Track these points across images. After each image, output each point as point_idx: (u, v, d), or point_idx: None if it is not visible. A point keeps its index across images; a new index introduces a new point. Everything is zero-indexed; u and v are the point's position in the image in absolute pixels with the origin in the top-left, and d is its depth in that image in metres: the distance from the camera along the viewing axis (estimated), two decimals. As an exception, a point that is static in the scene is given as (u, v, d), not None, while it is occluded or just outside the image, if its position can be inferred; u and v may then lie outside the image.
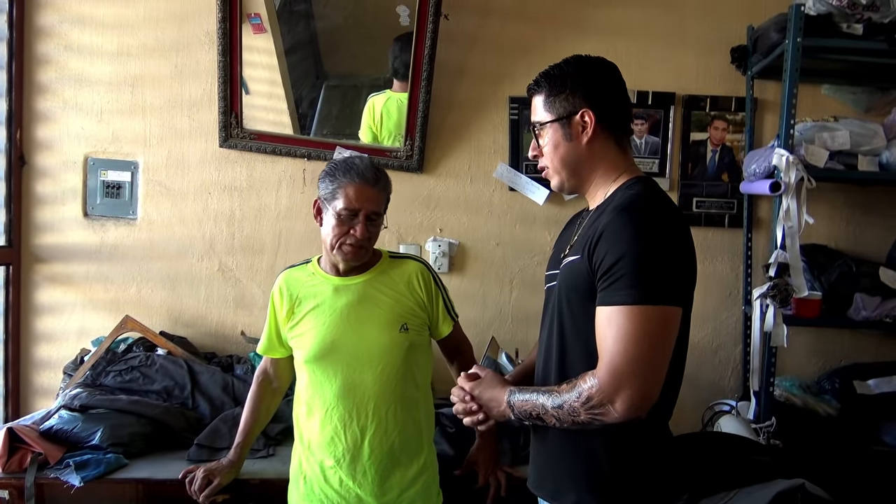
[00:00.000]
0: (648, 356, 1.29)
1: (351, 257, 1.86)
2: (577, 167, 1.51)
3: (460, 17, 2.78)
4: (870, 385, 2.69)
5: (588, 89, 1.48)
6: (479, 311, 2.88)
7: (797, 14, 2.46)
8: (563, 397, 1.36)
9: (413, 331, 1.91)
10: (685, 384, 2.83)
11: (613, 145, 1.51)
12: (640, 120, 2.90)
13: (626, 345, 1.29)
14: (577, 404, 1.33)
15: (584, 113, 1.46)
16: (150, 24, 2.81)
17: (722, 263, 2.94)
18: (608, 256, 1.33)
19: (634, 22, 2.88)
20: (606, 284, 1.33)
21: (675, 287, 1.34)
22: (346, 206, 1.82)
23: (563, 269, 1.48)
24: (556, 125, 1.49)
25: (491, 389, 1.52)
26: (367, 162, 1.88)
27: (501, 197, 2.90)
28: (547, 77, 1.51)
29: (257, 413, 2.08)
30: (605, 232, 1.35)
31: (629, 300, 1.30)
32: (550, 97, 1.50)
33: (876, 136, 2.59)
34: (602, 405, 1.30)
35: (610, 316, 1.32)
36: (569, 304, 1.45)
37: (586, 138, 1.48)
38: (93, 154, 2.83)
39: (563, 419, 1.36)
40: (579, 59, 1.53)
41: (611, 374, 1.29)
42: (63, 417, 2.24)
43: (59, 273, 2.84)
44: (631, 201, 1.39)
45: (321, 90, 2.93)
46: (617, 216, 1.36)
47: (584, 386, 1.33)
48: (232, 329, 2.87)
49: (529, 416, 1.42)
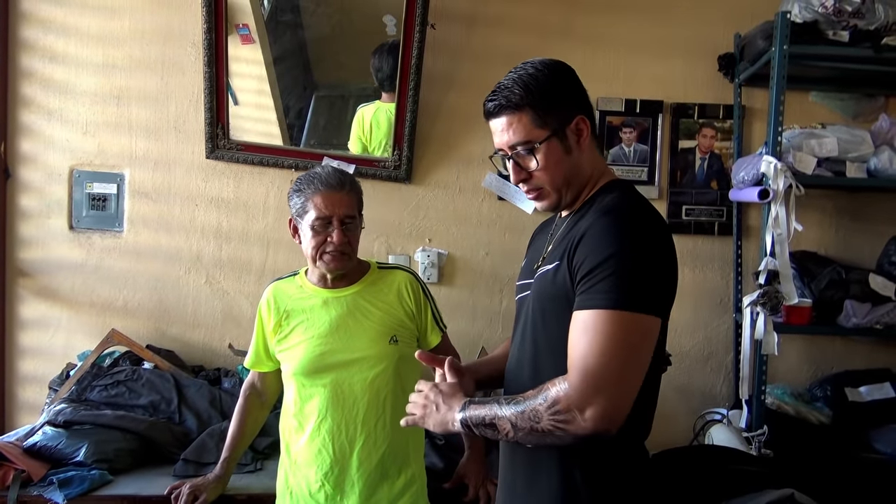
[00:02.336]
0: (625, 365, 1.20)
1: (334, 266, 1.85)
2: (574, 180, 1.40)
3: (447, 27, 2.78)
4: (861, 392, 2.69)
5: (573, 95, 1.40)
6: (468, 322, 2.87)
7: (783, 21, 2.46)
8: (526, 402, 1.24)
9: (402, 343, 1.90)
10: (677, 393, 2.86)
11: (596, 149, 1.44)
12: (628, 128, 2.90)
13: (603, 351, 1.18)
14: (542, 408, 1.21)
15: (578, 120, 1.38)
16: (136, 35, 2.80)
17: (712, 271, 2.93)
18: (589, 259, 1.25)
19: (622, 30, 2.88)
20: (586, 287, 1.24)
21: (658, 296, 1.26)
22: (317, 216, 1.81)
23: (538, 279, 1.40)
24: (554, 140, 1.36)
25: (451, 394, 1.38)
26: (329, 170, 1.88)
27: (490, 206, 2.89)
28: (527, 91, 1.36)
29: (244, 427, 2.06)
30: (586, 234, 1.28)
31: (609, 304, 1.21)
32: (540, 112, 1.35)
33: (864, 143, 2.59)
34: (569, 411, 1.18)
35: (587, 320, 1.22)
36: (543, 315, 1.36)
37: (584, 146, 1.39)
38: (78, 166, 2.81)
39: (521, 425, 1.23)
40: (547, 66, 1.40)
41: (583, 380, 1.18)
42: (47, 433, 2.21)
43: (44, 287, 2.81)
44: (614, 204, 1.32)
45: (310, 100, 2.92)
46: (600, 219, 1.29)
47: (553, 389, 1.21)
48: (220, 342, 2.84)
49: (482, 421, 1.28)
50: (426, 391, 1.40)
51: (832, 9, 2.50)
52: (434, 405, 1.37)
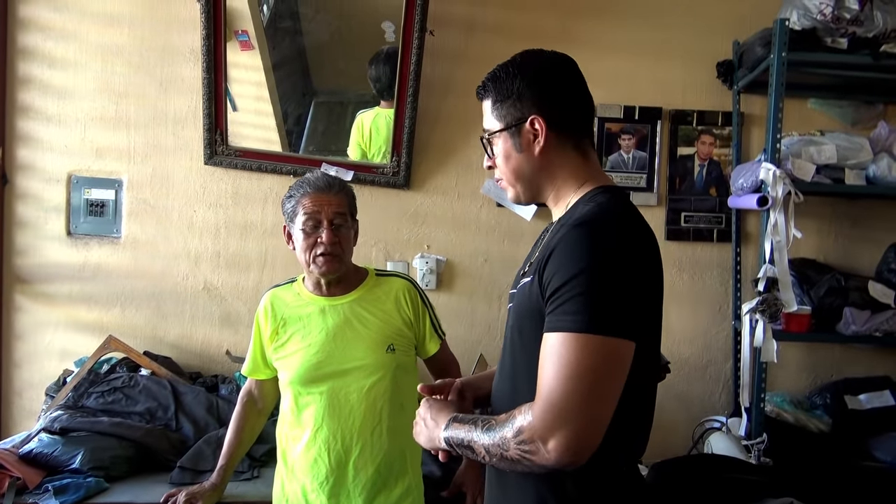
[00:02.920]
0: (590, 394, 1.10)
1: (326, 269, 1.84)
2: (531, 179, 1.34)
3: (446, 33, 2.78)
4: (861, 400, 2.68)
5: (537, 91, 1.30)
6: (467, 329, 2.86)
7: (782, 29, 2.46)
8: (496, 429, 1.18)
9: (400, 351, 1.89)
10: (676, 401, 2.85)
11: (571, 151, 1.33)
12: (627, 135, 2.89)
13: (567, 378, 1.10)
14: (509, 436, 1.15)
15: (533, 120, 1.29)
16: (134, 41, 2.80)
17: (711, 278, 2.93)
18: (557, 276, 1.16)
19: (621, 37, 2.88)
20: (552, 308, 1.16)
21: (630, 317, 1.15)
22: (306, 216, 1.82)
23: (517, 292, 1.32)
24: (506, 135, 1.31)
25: (438, 411, 1.33)
26: (318, 173, 1.89)
27: (489, 213, 2.88)
28: (493, 79, 1.33)
29: (241, 435, 2.04)
30: (556, 249, 1.19)
31: (574, 327, 1.12)
32: (497, 103, 1.32)
33: (862, 150, 2.59)
34: (532, 441, 1.11)
35: (553, 343, 1.14)
36: (520, 331, 1.29)
37: (538, 148, 1.30)
38: (76, 172, 2.80)
39: (493, 451, 1.18)
40: (528, 55, 1.35)
41: (546, 410, 1.11)
42: (43, 440, 2.20)
43: (41, 293, 2.80)
44: (588, 216, 1.22)
45: (310, 106, 2.92)
46: (569, 232, 1.19)
47: (518, 418, 1.15)
48: (217, 348, 2.83)
49: (461, 442, 1.24)
50: (420, 408, 1.38)
51: (831, 16, 2.50)
52: (423, 421, 1.34)
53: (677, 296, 2.89)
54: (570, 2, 2.87)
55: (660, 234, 2.89)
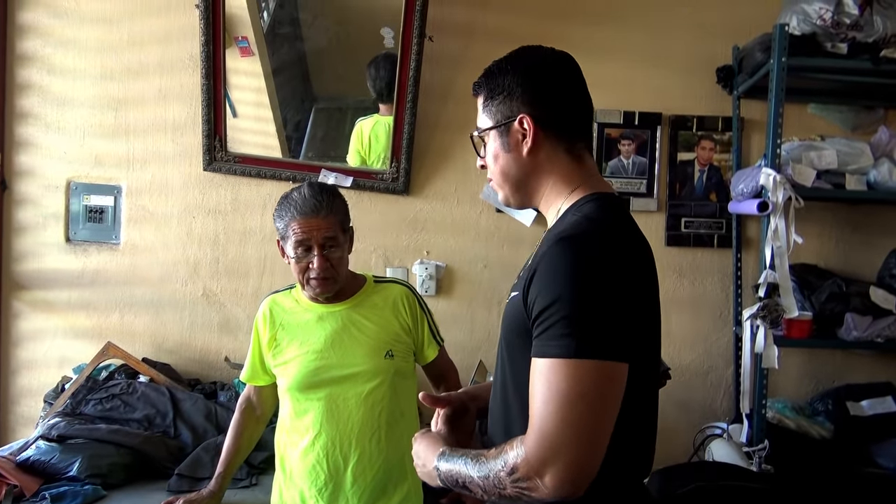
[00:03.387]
0: (584, 422, 1.05)
1: (320, 290, 1.84)
2: (520, 181, 1.28)
3: (445, 39, 2.77)
4: (863, 406, 2.67)
5: (528, 89, 1.24)
6: (466, 335, 2.85)
7: (781, 34, 2.46)
8: (488, 465, 1.12)
9: (398, 357, 1.88)
10: (677, 407, 2.84)
11: (563, 154, 1.26)
12: (626, 140, 2.89)
13: (558, 407, 1.05)
14: (503, 475, 1.09)
15: (521, 119, 1.23)
16: (134, 47, 2.80)
17: (712, 284, 2.92)
18: (540, 297, 1.10)
19: (620, 43, 2.88)
20: (539, 331, 1.10)
21: (620, 337, 1.09)
22: (296, 242, 1.80)
23: (507, 306, 1.26)
24: (495, 133, 1.27)
25: (426, 446, 1.27)
26: (304, 193, 1.82)
27: (488, 219, 2.88)
28: (486, 76, 1.29)
29: (240, 442, 2.02)
30: (539, 267, 1.13)
31: (563, 352, 1.06)
32: (488, 99, 1.28)
33: (863, 155, 2.58)
34: (529, 479, 1.06)
35: (542, 370, 1.08)
36: (509, 347, 1.24)
37: (526, 148, 1.24)
38: (75, 178, 2.80)
39: (489, 491, 1.12)
40: (524, 51, 1.29)
41: (539, 443, 1.05)
42: (40, 448, 2.19)
43: (40, 299, 2.80)
44: (574, 229, 1.15)
45: (310, 112, 2.92)
46: (552, 247, 1.12)
47: (511, 454, 1.09)
48: (216, 355, 2.82)
49: (456, 482, 1.18)
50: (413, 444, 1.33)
51: (830, 21, 2.50)
52: (416, 458, 1.29)
53: (678, 302, 2.88)
54: (570, 8, 2.86)
55: (660, 240, 2.89)
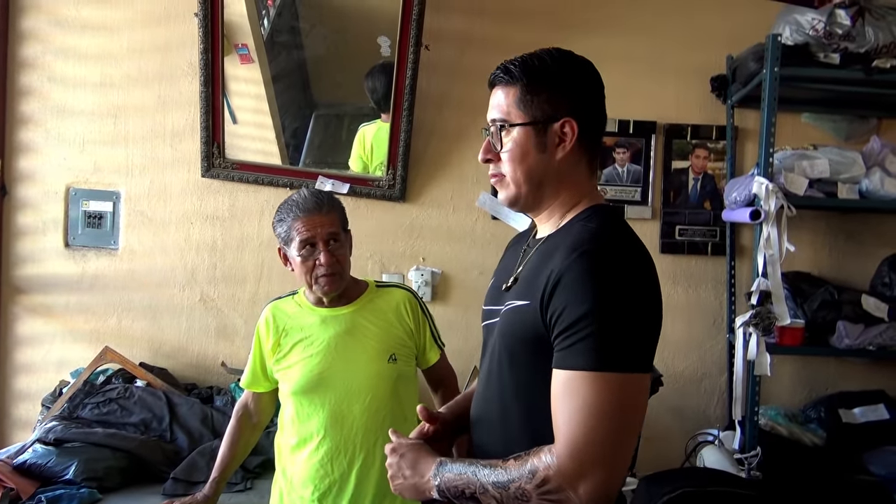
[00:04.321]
0: (616, 434, 1.08)
1: (329, 288, 1.85)
2: (541, 184, 1.25)
3: (441, 48, 2.80)
4: (855, 414, 2.68)
5: (575, 95, 1.24)
6: (462, 341, 2.86)
7: (774, 44, 2.48)
8: (509, 474, 1.11)
9: (401, 361, 1.90)
10: (670, 414, 2.85)
11: (585, 167, 1.27)
12: (621, 149, 2.91)
13: (592, 420, 1.06)
14: (530, 487, 1.08)
15: (566, 122, 1.22)
16: (133, 55, 2.83)
17: (706, 291, 2.94)
18: (568, 311, 1.11)
19: (615, 51, 2.89)
20: (567, 345, 1.11)
21: (645, 350, 1.13)
22: (301, 241, 1.82)
23: (507, 312, 1.25)
24: (529, 130, 1.23)
25: (415, 459, 1.25)
26: (304, 194, 1.88)
27: (484, 226, 2.90)
28: (525, 68, 1.23)
29: (235, 449, 2.02)
30: (562, 279, 1.13)
31: (593, 365, 1.08)
32: (527, 94, 1.22)
33: (855, 164, 2.60)
34: (561, 490, 1.06)
35: (570, 382, 1.09)
36: (511, 355, 1.22)
37: (562, 153, 1.23)
38: (74, 184, 2.83)
39: (507, 502, 1.11)
40: (564, 55, 1.26)
41: (573, 455, 1.06)
42: (37, 451, 2.22)
43: (39, 304, 2.83)
44: (593, 243, 1.15)
45: (310, 119, 2.95)
46: (576, 261, 1.12)
47: (540, 465, 1.08)
48: (213, 360, 2.84)
49: (462, 494, 1.15)
50: (389, 458, 1.28)
51: (823, 31, 2.52)
52: (400, 472, 1.25)
53: (672, 309, 2.89)
54: (565, 16, 2.89)
55: (654, 247, 2.90)
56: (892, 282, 2.70)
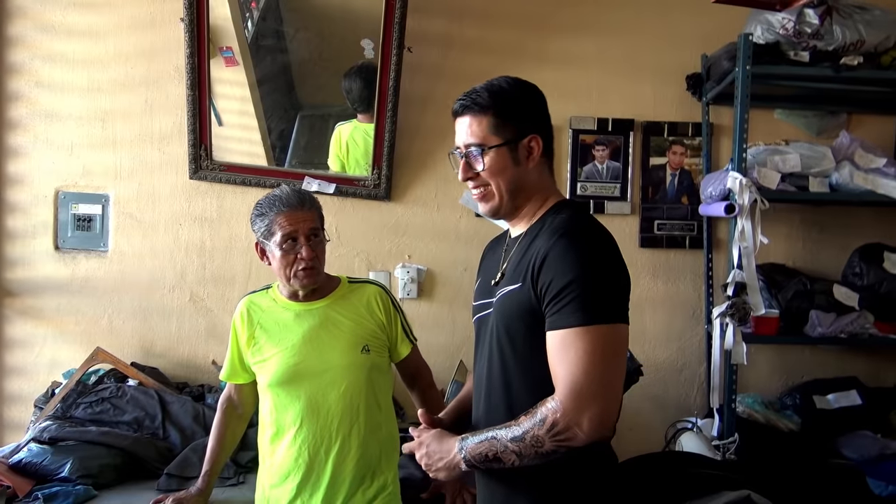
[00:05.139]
0: (608, 374, 1.29)
1: (307, 281, 1.91)
2: (519, 191, 1.48)
3: (423, 50, 2.86)
4: (829, 400, 2.77)
5: (535, 115, 1.50)
6: (447, 336, 2.93)
7: (746, 43, 2.56)
8: (522, 427, 1.31)
9: (374, 352, 1.96)
10: (651, 403, 2.93)
11: (547, 170, 1.52)
12: (601, 146, 2.98)
13: (586, 365, 1.27)
14: (542, 432, 1.28)
15: (532, 138, 1.46)
16: (121, 59, 2.87)
17: (684, 284, 3.02)
18: (556, 281, 1.33)
19: (593, 52, 2.97)
20: (557, 308, 1.32)
21: (621, 305, 1.36)
22: (284, 235, 1.88)
23: (501, 299, 1.46)
24: (505, 149, 1.45)
25: (439, 442, 1.45)
26: (287, 190, 1.94)
27: (468, 223, 2.96)
28: (494, 98, 1.46)
29: (223, 440, 2.08)
30: (548, 257, 1.35)
31: (583, 321, 1.29)
32: (500, 120, 1.45)
33: (825, 159, 2.69)
34: (568, 428, 1.27)
35: (564, 339, 1.31)
36: (509, 334, 1.43)
37: (532, 163, 1.47)
38: (64, 188, 2.86)
39: (525, 452, 1.31)
40: (520, 82, 1.51)
41: (574, 396, 1.27)
42: (32, 450, 2.24)
43: (29, 306, 2.86)
44: (569, 226, 1.39)
45: (295, 121, 2.99)
46: (558, 241, 1.36)
47: (547, 411, 1.29)
48: (203, 359, 2.89)
49: (486, 458, 1.35)
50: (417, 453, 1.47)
51: (792, 31, 2.60)
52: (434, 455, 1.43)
53: (652, 301, 2.98)
54: (545, 19, 2.96)
55: (634, 242, 2.98)
56: (863, 272, 2.79)
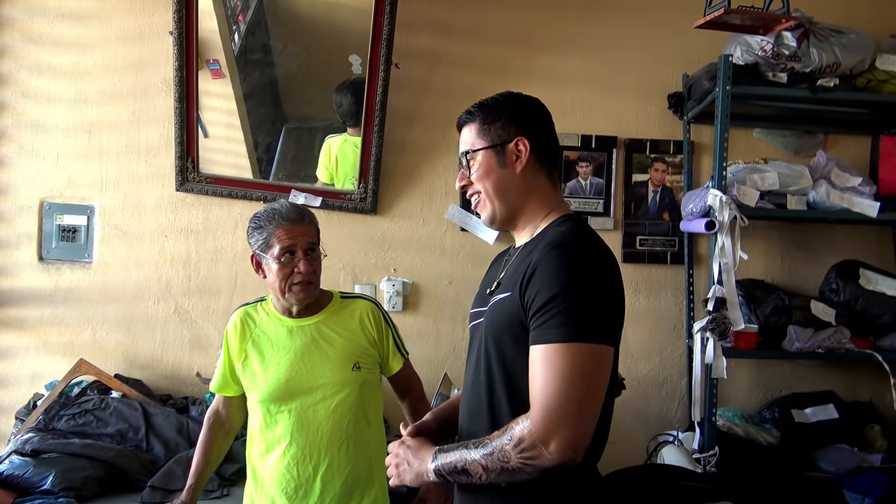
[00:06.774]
0: (583, 395, 1.24)
1: (303, 295, 1.91)
2: (508, 196, 1.46)
3: (411, 66, 2.90)
4: (807, 414, 2.82)
5: (523, 120, 1.48)
6: (432, 349, 2.95)
7: (726, 64, 2.62)
8: (493, 444, 1.27)
9: (365, 369, 1.96)
10: (633, 416, 2.97)
11: (545, 179, 1.48)
12: (584, 162, 3.03)
13: (560, 383, 1.23)
14: (509, 447, 1.25)
15: (518, 141, 1.45)
16: (108, 71, 2.87)
17: (666, 299, 3.06)
18: (541, 294, 1.29)
19: (577, 70, 3.02)
20: (540, 322, 1.28)
21: (608, 326, 1.31)
22: (282, 248, 1.88)
23: (492, 307, 1.43)
24: (490, 151, 1.46)
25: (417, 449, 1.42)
26: (286, 204, 1.96)
27: (453, 237, 2.99)
28: (481, 107, 1.50)
29: (209, 455, 2.06)
30: (537, 269, 1.31)
31: (563, 338, 1.25)
32: (485, 125, 1.47)
33: (802, 177, 2.75)
34: (534, 447, 1.22)
35: (543, 354, 1.26)
36: (496, 342, 1.39)
37: (520, 167, 1.45)
38: (49, 198, 2.85)
39: (492, 467, 1.27)
40: (512, 93, 1.53)
41: (544, 415, 1.22)
42: (14, 462, 2.23)
43: (12, 317, 2.84)
44: (563, 239, 1.35)
45: (280, 134, 3.01)
46: (549, 253, 1.32)
47: (517, 428, 1.25)
48: (188, 371, 2.88)
49: (454, 469, 1.32)
50: (395, 450, 1.45)
51: (771, 52, 2.67)
52: (405, 462, 1.41)
53: (634, 316, 3.02)
54: (530, 37, 3.01)
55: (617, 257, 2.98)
56: (839, 288, 2.85)
